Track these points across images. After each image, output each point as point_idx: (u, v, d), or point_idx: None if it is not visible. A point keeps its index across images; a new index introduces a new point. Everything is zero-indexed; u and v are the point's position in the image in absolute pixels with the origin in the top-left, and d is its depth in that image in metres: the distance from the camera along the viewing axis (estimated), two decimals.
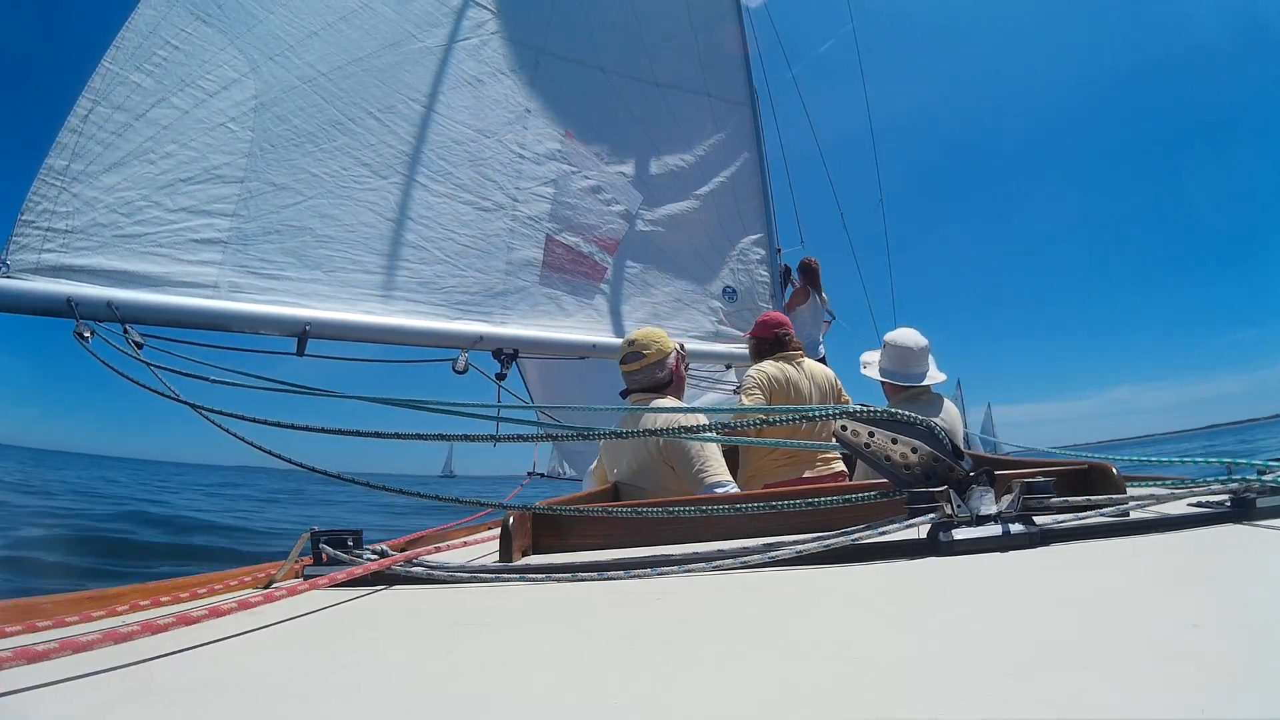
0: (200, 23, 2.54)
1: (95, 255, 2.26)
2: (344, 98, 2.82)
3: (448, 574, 1.03)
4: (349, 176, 2.80)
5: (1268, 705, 0.41)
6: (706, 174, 3.98)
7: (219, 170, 2.52)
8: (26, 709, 0.54)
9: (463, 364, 2.85)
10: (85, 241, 2.25)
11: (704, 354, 3.73)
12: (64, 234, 2.22)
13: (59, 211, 2.23)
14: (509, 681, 0.56)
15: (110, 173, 2.32)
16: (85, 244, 2.25)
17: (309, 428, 1.53)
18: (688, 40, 4.03)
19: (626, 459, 2.20)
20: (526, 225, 3.28)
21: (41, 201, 2.21)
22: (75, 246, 2.24)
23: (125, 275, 2.30)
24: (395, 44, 2.98)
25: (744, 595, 0.83)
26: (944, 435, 1.03)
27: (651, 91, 3.82)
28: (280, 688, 0.59)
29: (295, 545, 1.18)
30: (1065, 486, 1.13)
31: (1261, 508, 1.00)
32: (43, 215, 2.21)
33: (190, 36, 2.51)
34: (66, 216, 2.23)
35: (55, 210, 2.22)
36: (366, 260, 2.80)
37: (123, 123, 2.36)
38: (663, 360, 2.28)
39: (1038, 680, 0.46)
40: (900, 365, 2.72)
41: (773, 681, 0.51)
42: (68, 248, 2.23)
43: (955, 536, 0.92)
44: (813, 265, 5.36)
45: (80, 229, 2.25)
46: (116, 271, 2.29)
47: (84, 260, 2.24)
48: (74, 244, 2.24)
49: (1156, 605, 0.65)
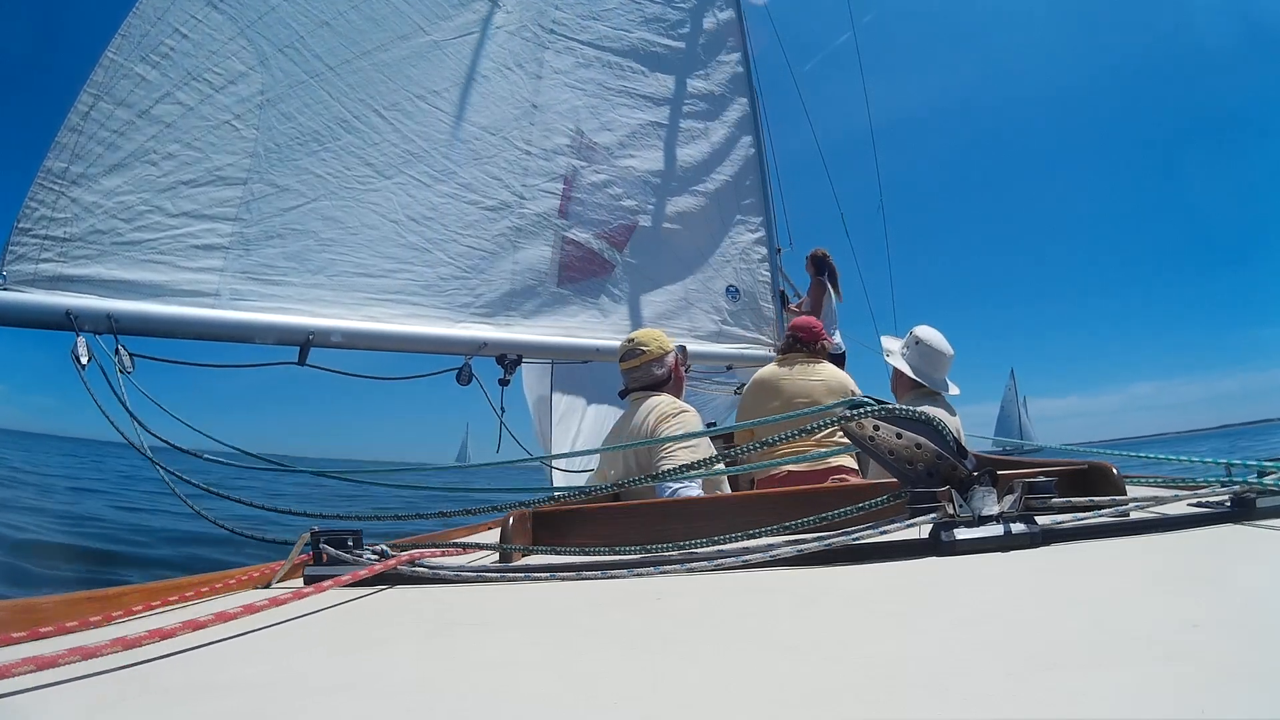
0: (211, 9, 2.47)
1: (94, 264, 2.21)
2: (350, 94, 2.78)
3: (449, 574, 1.03)
4: (353, 177, 2.77)
5: (1268, 705, 0.41)
6: (710, 171, 3.97)
7: (222, 171, 2.48)
8: (28, 709, 0.54)
9: (466, 376, 2.85)
10: (84, 250, 2.20)
11: (706, 354, 3.73)
12: (62, 242, 2.17)
13: (57, 218, 2.17)
14: (510, 681, 0.56)
15: (111, 175, 2.27)
16: (84, 252, 2.20)
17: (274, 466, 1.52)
18: (692, 35, 4.03)
19: (622, 460, 2.22)
20: (533, 223, 3.25)
21: (39, 208, 2.15)
22: (74, 255, 2.18)
23: (125, 285, 2.25)
24: (404, 37, 2.93)
25: (744, 595, 0.83)
26: (948, 432, 1.03)
27: (658, 87, 3.81)
28: (282, 688, 0.59)
29: (295, 545, 1.18)
30: (1066, 487, 1.14)
31: (1261, 508, 1.00)
32: (40, 222, 2.15)
33: (200, 24, 2.44)
34: (65, 224, 2.18)
35: (53, 217, 2.16)
36: (369, 263, 2.77)
37: (125, 120, 2.31)
38: (661, 358, 2.30)
39: (1038, 680, 0.46)
40: (930, 368, 2.74)
41: (773, 681, 0.51)
42: (66, 256, 2.17)
43: (957, 536, 0.92)
44: (828, 258, 5.17)
45: (79, 236, 2.19)
46: (116, 281, 2.23)
47: (83, 270, 2.19)
48: (72, 252, 2.18)
49: (1157, 605, 0.65)
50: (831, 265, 5.18)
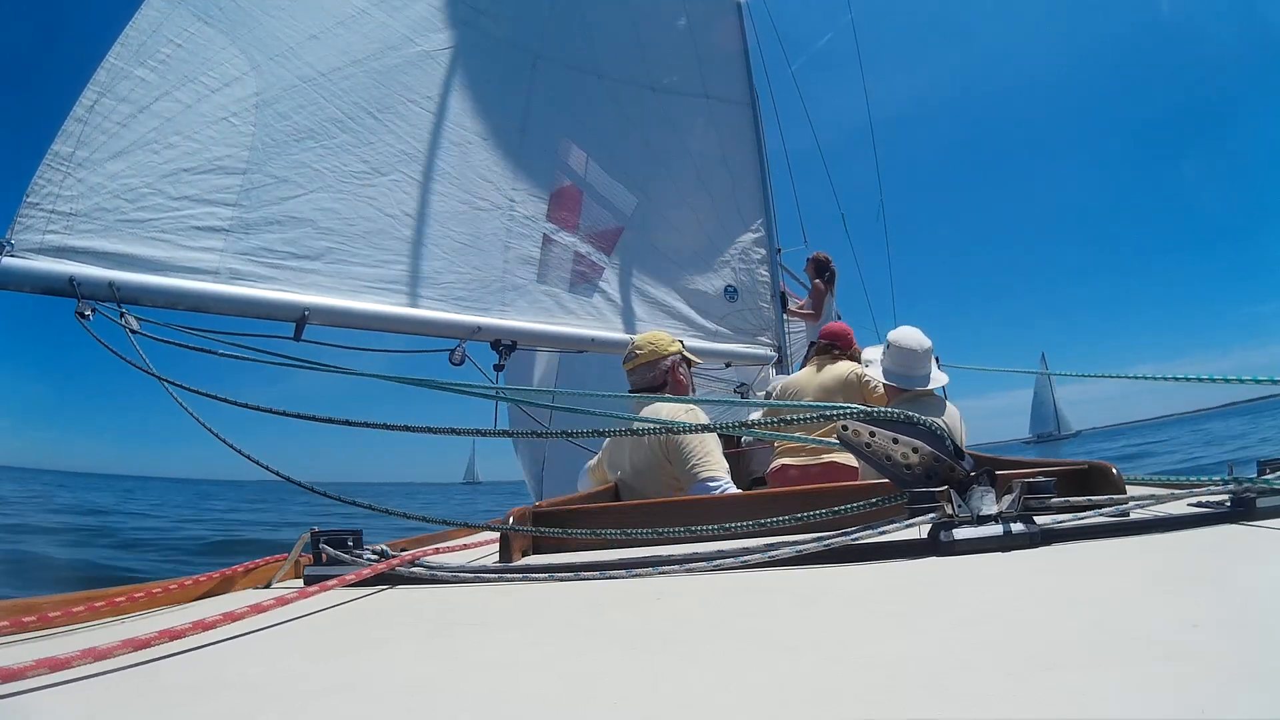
0: (202, 23, 2.56)
1: (98, 238, 2.29)
2: (344, 97, 2.83)
3: (449, 574, 1.03)
4: (349, 172, 2.82)
5: (1268, 705, 0.41)
6: (706, 174, 3.98)
7: (221, 161, 2.54)
8: (29, 708, 0.54)
9: (459, 356, 2.86)
10: (89, 225, 2.28)
11: (705, 352, 3.73)
12: (68, 216, 2.25)
13: (64, 195, 2.25)
14: (510, 681, 0.56)
15: (115, 160, 2.34)
16: (89, 227, 2.28)
17: (286, 413, 1.52)
18: (685, 40, 4.03)
19: (629, 458, 2.20)
20: (524, 225, 3.29)
21: (46, 185, 2.23)
22: (79, 229, 2.26)
23: (127, 258, 2.32)
24: (394, 47, 2.99)
25: (744, 595, 0.83)
26: (945, 435, 1.03)
27: (648, 93, 3.82)
28: (282, 687, 0.59)
29: (296, 545, 1.18)
30: (1065, 486, 1.14)
31: (1261, 508, 1.00)
32: (47, 198, 2.23)
33: (193, 36, 2.53)
34: (71, 200, 2.26)
35: (60, 194, 2.24)
36: (366, 254, 2.82)
37: (127, 114, 2.38)
38: (654, 361, 2.30)
39: (1038, 680, 0.46)
40: (904, 367, 2.69)
41: (773, 681, 0.51)
42: (71, 230, 2.25)
43: (956, 536, 0.92)
44: (829, 261, 5.21)
45: (84, 213, 2.27)
46: (119, 254, 2.31)
47: (87, 242, 2.27)
48: (77, 226, 2.26)
49: (1157, 605, 0.65)
50: (832, 268, 5.23)
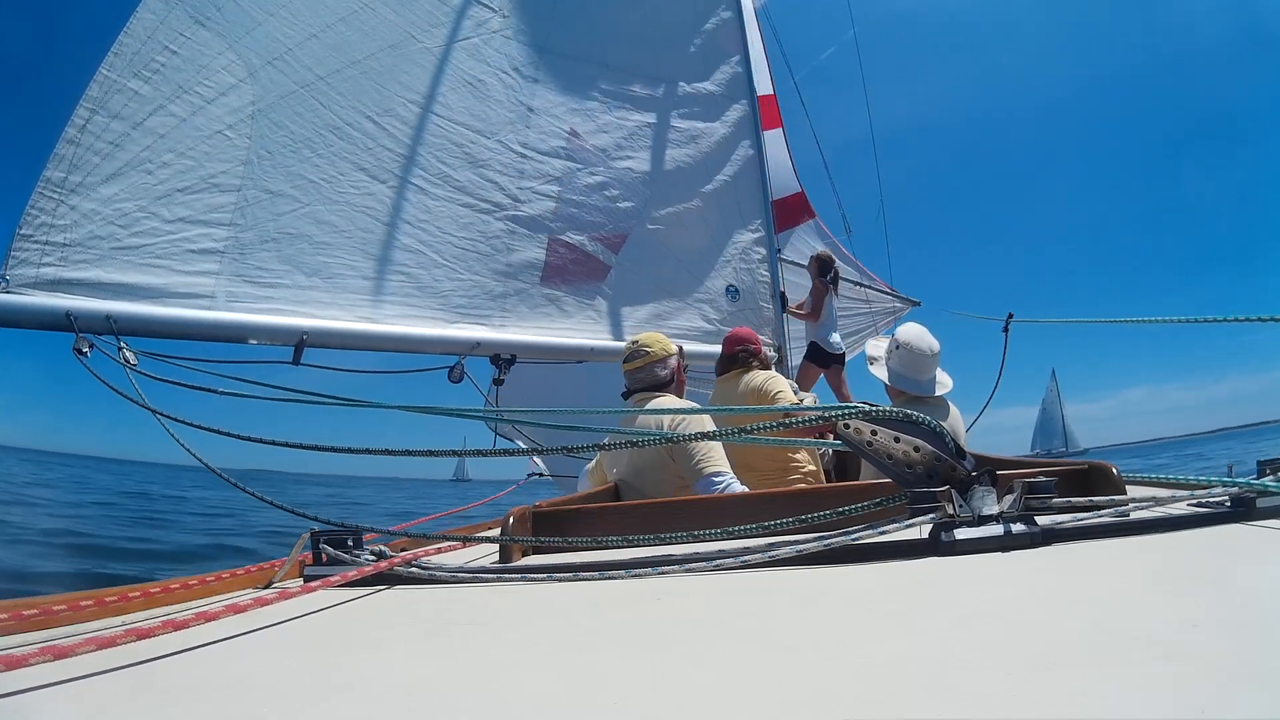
0: (199, 26, 2.54)
1: (93, 268, 2.28)
2: (341, 102, 2.82)
3: (448, 574, 1.03)
4: (346, 182, 2.80)
5: (1268, 705, 0.41)
6: (709, 172, 3.97)
7: (216, 179, 2.53)
8: (28, 708, 0.54)
9: (458, 374, 2.84)
10: (83, 254, 2.27)
11: (705, 354, 3.73)
12: (62, 247, 2.24)
13: (57, 225, 2.24)
14: (509, 681, 0.56)
15: (108, 184, 2.33)
16: (83, 257, 2.27)
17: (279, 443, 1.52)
18: (690, 37, 4.03)
19: (629, 457, 2.19)
20: (527, 225, 3.27)
21: (39, 215, 2.23)
22: (73, 260, 2.26)
23: (123, 287, 2.31)
24: (394, 45, 2.97)
25: (744, 595, 0.83)
26: (947, 434, 1.03)
27: (655, 88, 3.82)
28: (281, 687, 0.59)
29: (296, 544, 1.18)
30: (1066, 487, 1.13)
31: (1261, 508, 1.00)
32: (41, 229, 2.22)
33: (189, 41, 2.51)
34: (64, 230, 2.25)
35: (53, 223, 2.24)
36: (364, 265, 2.79)
37: (120, 132, 2.37)
38: (665, 359, 2.31)
39: (1038, 680, 0.46)
40: (913, 370, 2.55)
41: (773, 681, 0.51)
42: (66, 261, 2.24)
43: (957, 536, 0.92)
44: (832, 261, 5.26)
45: (78, 242, 2.27)
46: (115, 284, 2.30)
47: (82, 273, 2.26)
48: (72, 257, 2.25)
49: (1157, 605, 0.65)
50: (835, 268, 5.26)
